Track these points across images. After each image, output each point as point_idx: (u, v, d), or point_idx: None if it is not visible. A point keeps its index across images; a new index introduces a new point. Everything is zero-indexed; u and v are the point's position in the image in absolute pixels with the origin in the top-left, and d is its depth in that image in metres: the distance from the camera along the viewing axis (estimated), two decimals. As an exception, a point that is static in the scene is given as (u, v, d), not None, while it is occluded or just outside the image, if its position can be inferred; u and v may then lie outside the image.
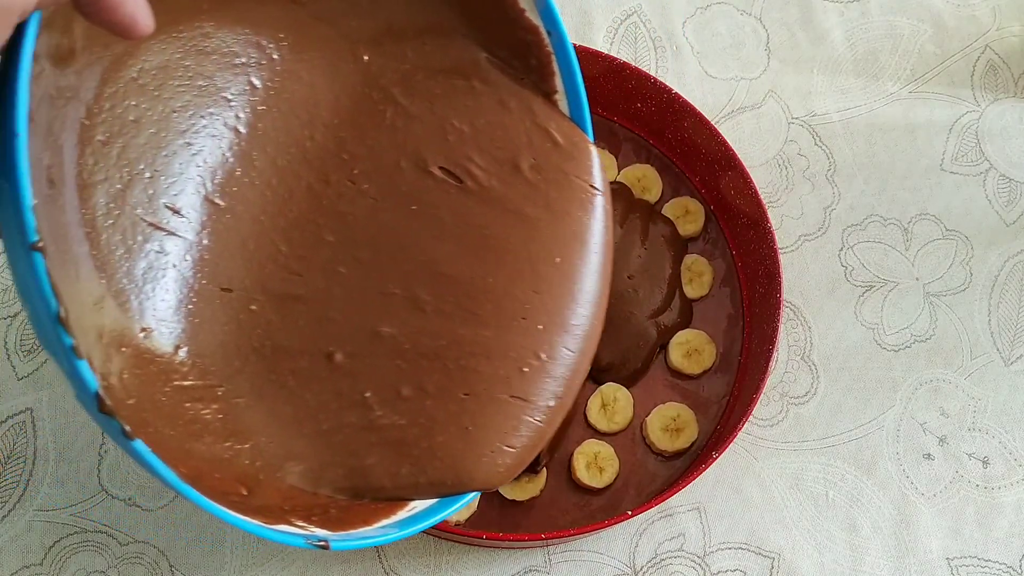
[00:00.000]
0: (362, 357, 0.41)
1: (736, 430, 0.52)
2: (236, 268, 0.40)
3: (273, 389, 0.40)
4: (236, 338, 0.40)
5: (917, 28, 0.68)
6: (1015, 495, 0.58)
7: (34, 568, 0.55)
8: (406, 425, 0.40)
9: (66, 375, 0.30)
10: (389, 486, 0.40)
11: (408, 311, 0.41)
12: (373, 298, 0.41)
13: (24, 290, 0.30)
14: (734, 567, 0.57)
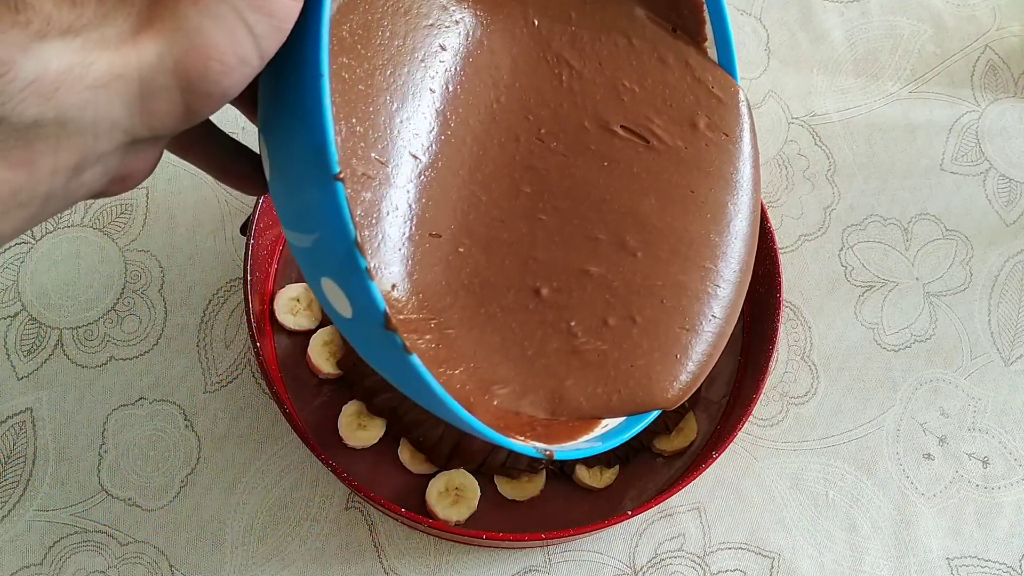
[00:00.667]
0: (569, 292, 0.45)
1: (736, 430, 0.52)
2: (442, 216, 0.44)
3: (481, 320, 0.44)
4: (447, 277, 0.44)
5: (917, 28, 0.68)
6: (1015, 495, 0.58)
7: (34, 568, 0.55)
8: (608, 350, 0.44)
9: (352, 298, 0.33)
10: (585, 405, 0.44)
11: (616, 254, 0.46)
12: (578, 242, 0.46)
13: (313, 220, 0.32)
14: (734, 567, 0.57)
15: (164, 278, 0.60)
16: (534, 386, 0.44)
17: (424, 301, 0.43)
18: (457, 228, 0.44)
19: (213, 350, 0.59)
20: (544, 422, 0.43)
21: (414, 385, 0.35)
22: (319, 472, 0.57)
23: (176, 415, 0.58)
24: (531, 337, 0.44)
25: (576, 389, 0.44)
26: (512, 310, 0.44)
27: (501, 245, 0.45)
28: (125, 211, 0.62)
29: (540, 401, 0.43)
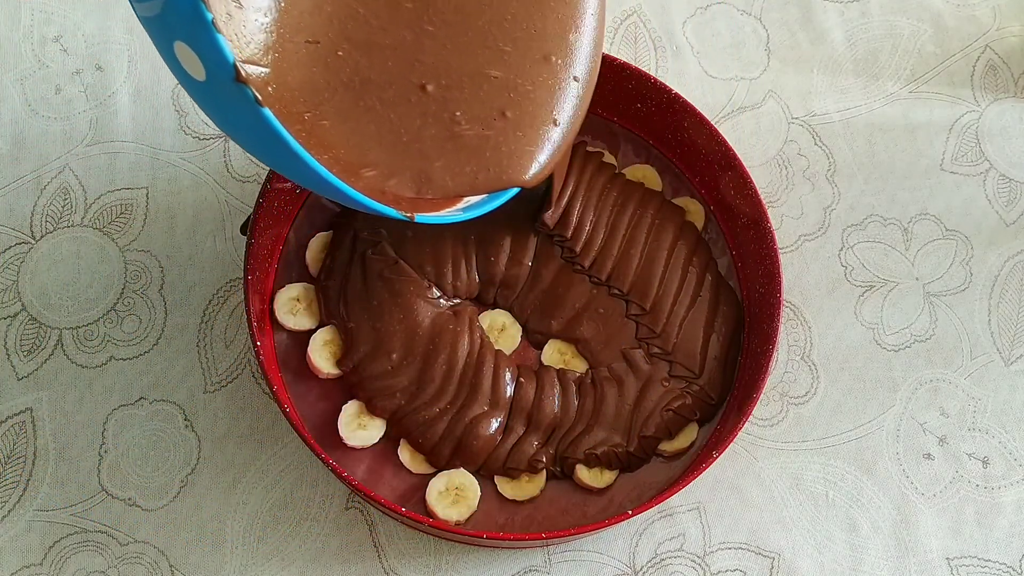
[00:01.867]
0: (451, 88, 0.48)
1: (736, 430, 0.52)
2: (318, 24, 0.46)
3: (358, 112, 0.47)
4: (324, 76, 0.46)
5: (917, 28, 0.68)
6: (1015, 495, 0.58)
7: (34, 568, 0.55)
8: (483, 135, 0.48)
9: (202, 55, 0.34)
10: (451, 184, 0.47)
11: (494, 57, 0.49)
12: (461, 46, 0.49)
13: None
14: (734, 567, 0.57)
15: (164, 278, 0.60)
16: (403, 167, 0.47)
17: (300, 96, 0.45)
18: (335, 35, 0.46)
19: (213, 350, 0.59)
20: (409, 199, 0.46)
21: (271, 144, 0.36)
22: (319, 472, 0.57)
23: (176, 415, 0.58)
24: (409, 126, 0.47)
25: (445, 169, 0.47)
26: (392, 103, 0.47)
27: (384, 48, 0.47)
28: (125, 211, 0.62)
29: (407, 181, 0.47)
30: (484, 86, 0.49)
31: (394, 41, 0.48)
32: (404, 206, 0.46)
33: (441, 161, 0.47)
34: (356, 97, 0.47)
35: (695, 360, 0.57)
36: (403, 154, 0.47)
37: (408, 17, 0.48)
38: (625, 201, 0.59)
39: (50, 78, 0.64)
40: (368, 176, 0.46)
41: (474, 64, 0.49)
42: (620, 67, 0.59)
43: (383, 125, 0.47)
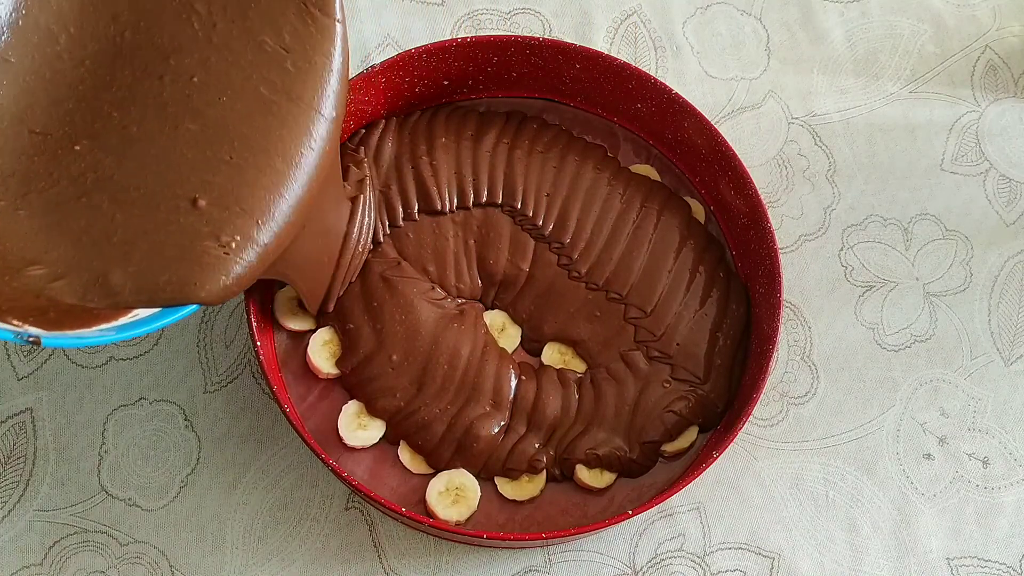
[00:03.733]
0: (131, 185, 0.45)
1: (736, 430, 0.52)
2: (51, 117, 0.45)
3: (70, 207, 0.44)
4: (47, 167, 0.44)
5: (917, 28, 0.68)
6: (1015, 495, 0.58)
7: (34, 568, 0.55)
8: (165, 239, 0.44)
9: None
10: (129, 291, 0.43)
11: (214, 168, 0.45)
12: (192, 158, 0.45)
13: None
14: (734, 567, 0.57)
15: (164, 278, 0.60)
16: (82, 267, 0.43)
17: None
18: (71, 130, 0.45)
19: (213, 350, 0.59)
20: (66, 307, 0.43)
21: None
22: (319, 472, 0.57)
23: (176, 415, 0.58)
24: (81, 220, 0.44)
25: (131, 275, 0.43)
26: (65, 197, 0.44)
27: (106, 146, 0.45)
28: (125, 211, 0.62)
29: (76, 284, 0.43)
30: (133, 167, 0.45)
31: (117, 141, 0.45)
32: (51, 318, 0.42)
33: (134, 266, 0.43)
34: (77, 192, 0.44)
35: (699, 364, 0.57)
36: (94, 253, 0.43)
37: (77, 86, 0.46)
38: (630, 199, 0.59)
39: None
40: (31, 274, 0.42)
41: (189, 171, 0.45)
42: (620, 67, 0.59)
43: (93, 222, 0.44)
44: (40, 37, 0.46)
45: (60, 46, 0.46)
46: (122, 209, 0.44)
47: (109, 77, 0.46)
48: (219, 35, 0.46)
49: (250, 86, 0.46)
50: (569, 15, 0.67)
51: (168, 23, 0.47)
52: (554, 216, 0.58)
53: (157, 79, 0.46)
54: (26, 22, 0.45)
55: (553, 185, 0.59)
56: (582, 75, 0.60)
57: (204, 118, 0.46)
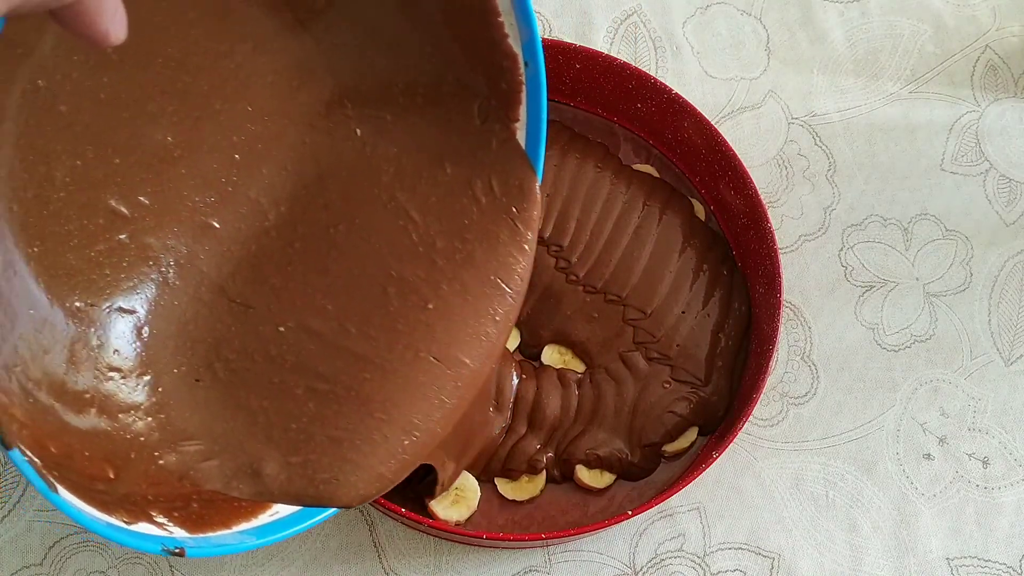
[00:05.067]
0: (337, 384, 0.43)
1: (736, 430, 0.52)
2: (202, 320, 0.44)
3: (238, 381, 0.43)
4: (180, 343, 0.43)
5: (917, 28, 0.68)
6: (1015, 495, 0.58)
7: (34, 568, 0.55)
8: (343, 437, 0.42)
9: None
10: (278, 484, 0.41)
11: (350, 363, 0.44)
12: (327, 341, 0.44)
13: None
14: (734, 567, 0.57)
15: (164, 278, 0.60)
16: (236, 450, 0.41)
17: (183, 349, 0.42)
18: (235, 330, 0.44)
19: (213, 350, 0.59)
20: (207, 495, 0.40)
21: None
22: (319, 472, 0.57)
23: (176, 415, 0.58)
24: (265, 400, 0.42)
25: (283, 466, 0.41)
26: (254, 374, 0.43)
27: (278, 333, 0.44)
28: (125, 211, 0.62)
29: (226, 468, 0.41)
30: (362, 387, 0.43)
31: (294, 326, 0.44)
32: (194, 510, 0.39)
33: (299, 458, 0.42)
34: (271, 371, 0.43)
35: (700, 366, 0.57)
36: (262, 437, 0.42)
37: (280, 260, 0.45)
38: (632, 198, 0.59)
39: (50, 78, 0.64)
40: (184, 449, 0.41)
41: (352, 363, 0.44)
42: (620, 67, 0.59)
43: (279, 404, 0.42)
44: (248, 209, 0.44)
45: (269, 222, 0.45)
46: (317, 400, 0.43)
47: (322, 267, 0.44)
48: (439, 255, 0.45)
49: (468, 309, 0.45)
50: (569, 15, 0.67)
51: (384, 227, 0.45)
52: (554, 217, 0.58)
53: (380, 289, 0.44)
54: (236, 190, 0.44)
55: (553, 185, 0.58)
56: (582, 75, 0.60)
57: (415, 335, 0.44)
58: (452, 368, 0.44)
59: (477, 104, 0.46)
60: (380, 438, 0.43)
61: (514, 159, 0.46)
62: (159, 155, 0.42)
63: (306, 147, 0.46)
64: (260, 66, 0.44)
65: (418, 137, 0.46)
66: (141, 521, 0.37)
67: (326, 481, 0.41)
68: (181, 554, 0.36)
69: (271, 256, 0.45)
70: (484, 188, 0.45)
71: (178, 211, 0.43)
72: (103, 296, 0.41)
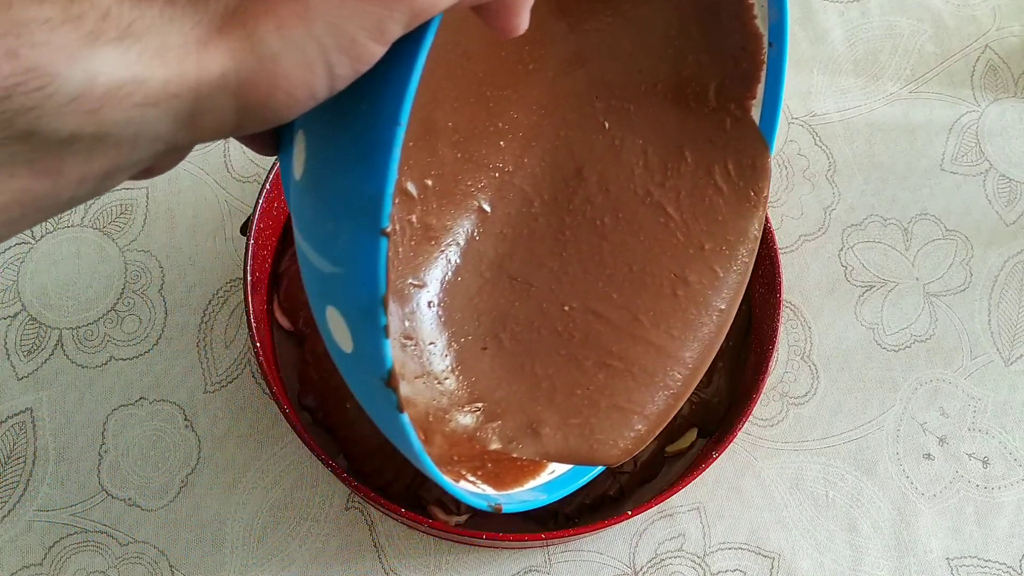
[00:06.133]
0: (596, 343, 0.46)
1: (736, 430, 0.52)
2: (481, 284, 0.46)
3: (511, 347, 0.45)
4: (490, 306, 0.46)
5: (917, 28, 0.68)
6: (1015, 495, 0.58)
7: (34, 568, 0.55)
8: (593, 399, 0.45)
9: (359, 344, 0.31)
10: (555, 443, 0.43)
11: (623, 323, 0.47)
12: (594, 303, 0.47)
13: (343, 255, 0.30)
14: (734, 567, 0.57)
15: (164, 278, 0.60)
16: (517, 411, 0.43)
17: (462, 321, 0.44)
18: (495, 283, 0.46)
19: (213, 350, 0.59)
20: (494, 456, 0.42)
21: (394, 434, 0.34)
22: (319, 472, 0.57)
23: (176, 415, 0.58)
24: (551, 368, 0.45)
25: (557, 425, 0.43)
26: (541, 345, 0.45)
27: (541, 288, 0.47)
28: (125, 211, 0.62)
29: (508, 429, 0.43)
30: (628, 347, 0.46)
31: (548, 280, 0.47)
32: (489, 470, 0.42)
33: (579, 420, 0.44)
34: (558, 345, 0.46)
35: None
36: (544, 401, 0.44)
37: (554, 245, 0.47)
38: None
39: (50, 78, 0.64)
40: (470, 412, 0.43)
41: (618, 322, 0.47)
42: (620, 67, 0.59)
43: (564, 373, 0.45)
44: (515, 196, 0.47)
45: (536, 209, 0.47)
46: (608, 373, 0.45)
47: (599, 259, 0.47)
48: (713, 260, 0.47)
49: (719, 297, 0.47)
50: (569, 15, 0.67)
51: (648, 223, 0.47)
52: None
53: (670, 290, 0.47)
54: (502, 176, 0.46)
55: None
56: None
57: (701, 332, 0.47)
58: (708, 349, 0.47)
59: (714, 85, 0.46)
60: (652, 406, 0.45)
61: (748, 136, 0.47)
62: (443, 139, 0.44)
63: (561, 140, 0.47)
64: (523, 55, 0.46)
65: (659, 125, 0.47)
66: (461, 481, 0.39)
67: (601, 442, 0.44)
68: (499, 510, 0.39)
69: (544, 241, 0.47)
70: (722, 173, 0.47)
71: (454, 194, 0.45)
72: (399, 272, 0.44)
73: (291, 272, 0.57)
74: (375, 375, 0.32)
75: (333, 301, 0.32)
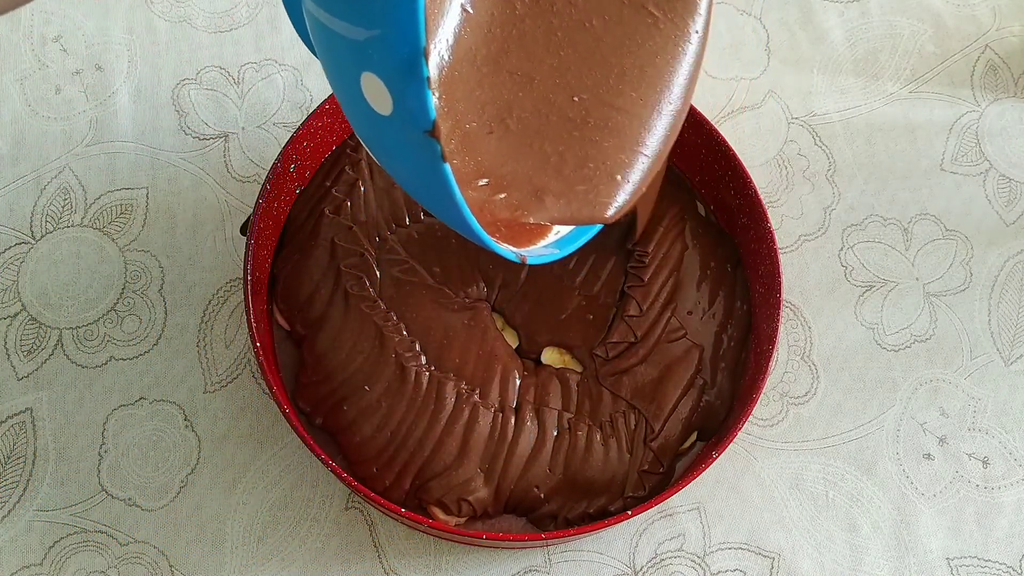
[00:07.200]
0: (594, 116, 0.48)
1: (736, 430, 0.52)
2: (481, 55, 0.47)
3: (511, 126, 0.47)
4: (487, 93, 0.47)
5: (917, 28, 0.68)
6: (1015, 495, 0.58)
7: (34, 568, 0.55)
8: (595, 166, 0.47)
9: (400, 101, 0.33)
10: (557, 208, 0.46)
11: (605, 94, 0.49)
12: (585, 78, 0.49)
13: (378, 17, 0.31)
14: (734, 567, 0.57)
15: (164, 278, 0.61)
16: (522, 182, 0.45)
17: (464, 110, 0.45)
18: (494, 63, 0.48)
19: (213, 350, 0.59)
20: (505, 223, 0.45)
21: (435, 191, 0.35)
22: (319, 472, 0.57)
23: (176, 415, 0.58)
24: (551, 143, 0.47)
25: (559, 193, 0.46)
26: (549, 126, 0.47)
27: (533, 71, 0.48)
28: (125, 211, 0.62)
29: (514, 198, 0.45)
30: (607, 117, 0.49)
31: (540, 64, 0.48)
32: (504, 233, 0.45)
33: (560, 182, 0.47)
34: (568, 126, 0.47)
35: (705, 368, 0.57)
36: (550, 174, 0.46)
37: (548, 44, 0.49)
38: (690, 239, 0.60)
39: (50, 78, 0.64)
40: (477, 186, 0.45)
41: (598, 93, 0.49)
42: (620, 67, 0.59)
43: (570, 148, 0.47)
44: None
45: (520, 11, 0.48)
46: (625, 153, 0.47)
47: (600, 57, 0.48)
48: (686, 38, 0.49)
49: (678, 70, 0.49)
50: (569, 15, 0.67)
51: (634, 22, 0.49)
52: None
53: (684, 87, 0.49)
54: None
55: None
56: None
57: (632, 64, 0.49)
58: (678, 114, 0.49)
59: None
60: (639, 168, 0.48)
61: None
62: None
63: None
64: None
65: None
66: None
67: (603, 204, 0.46)
68: (524, 260, 0.43)
69: (537, 41, 0.48)
70: None
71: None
72: None
73: (286, 272, 0.57)
74: (418, 128, 0.33)
75: (369, 65, 0.33)
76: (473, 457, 0.54)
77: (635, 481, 0.54)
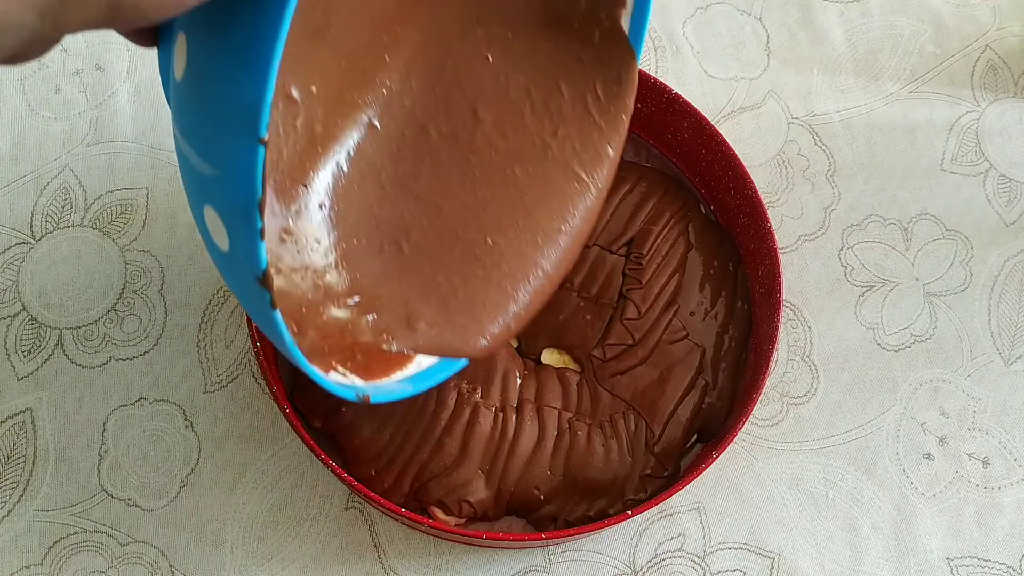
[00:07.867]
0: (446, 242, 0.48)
1: (736, 430, 0.52)
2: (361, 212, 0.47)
3: (399, 250, 0.46)
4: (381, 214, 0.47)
5: (917, 28, 0.68)
6: (1015, 495, 0.58)
7: (34, 568, 0.55)
8: (475, 294, 0.47)
9: (235, 244, 0.33)
10: (428, 336, 0.45)
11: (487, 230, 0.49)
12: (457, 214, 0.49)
13: (221, 158, 0.31)
14: (734, 567, 0.57)
15: (164, 278, 0.61)
16: (394, 305, 0.45)
17: (357, 227, 0.45)
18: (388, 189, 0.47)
19: (213, 350, 0.59)
20: (364, 348, 0.44)
21: (267, 328, 0.36)
22: (319, 472, 0.57)
23: (176, 415, 0.58)
24: (454, 277, 0.47)
25: (433, 321, 0.45)
26: (441, 252, 0.47)
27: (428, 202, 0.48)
28: (125, 211, 0.62)
29: (383, 321, 0.44)
30: (457, 248, 0.48)
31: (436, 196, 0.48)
32: (358, 361, 0.44)
33: (441, 312, 0.46)
34: (467, 257, 0.47)
35: (707, 370, 0.57)
36: (417, 293, 0.46)
37: (464, 180, 0.49)
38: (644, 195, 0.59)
39: (50, 78, 0.64)
40: (346, 304, 0.44)
41: (453, 225, 0.49)
42: (620, 67, 0.59)
43: (422, 264, 0.47)
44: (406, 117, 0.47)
45: (435, 140, 0.48)
46: (494, 285, 0.47)
47: (513, 195, 0.48)
48: (596, 190, 0.49)
49: (554, 172, 0.49)
50: (569, 15, 0.67)
51: (557, 179, 0.49)
52: None
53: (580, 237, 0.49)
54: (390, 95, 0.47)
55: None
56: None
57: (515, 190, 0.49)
58: (557, 247, 0.49)
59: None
60: (513, 305, 0.48)
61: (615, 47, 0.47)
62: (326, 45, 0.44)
63: (449, 73, 0.48)
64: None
65: (535, 54, 0.48)
66: (331, 372, 0.41)
67: (474, 340, 0.46)
68: (367, 401, 0.40)
69: (452, 174, 0.48)
70: (594, 102, 0.48)
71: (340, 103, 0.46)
72: (284, 174, 0.44)
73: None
74: (250, 274, 0.33)
75: (211, 201, 0.33)
76: (474, 458, 0.54)
77: (636, 484, 0.54)
